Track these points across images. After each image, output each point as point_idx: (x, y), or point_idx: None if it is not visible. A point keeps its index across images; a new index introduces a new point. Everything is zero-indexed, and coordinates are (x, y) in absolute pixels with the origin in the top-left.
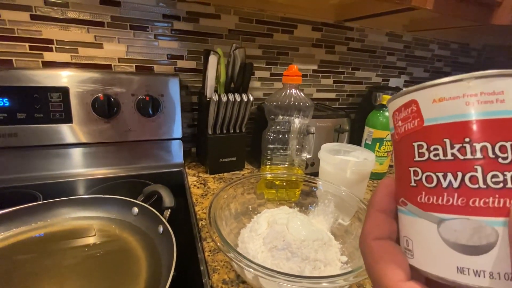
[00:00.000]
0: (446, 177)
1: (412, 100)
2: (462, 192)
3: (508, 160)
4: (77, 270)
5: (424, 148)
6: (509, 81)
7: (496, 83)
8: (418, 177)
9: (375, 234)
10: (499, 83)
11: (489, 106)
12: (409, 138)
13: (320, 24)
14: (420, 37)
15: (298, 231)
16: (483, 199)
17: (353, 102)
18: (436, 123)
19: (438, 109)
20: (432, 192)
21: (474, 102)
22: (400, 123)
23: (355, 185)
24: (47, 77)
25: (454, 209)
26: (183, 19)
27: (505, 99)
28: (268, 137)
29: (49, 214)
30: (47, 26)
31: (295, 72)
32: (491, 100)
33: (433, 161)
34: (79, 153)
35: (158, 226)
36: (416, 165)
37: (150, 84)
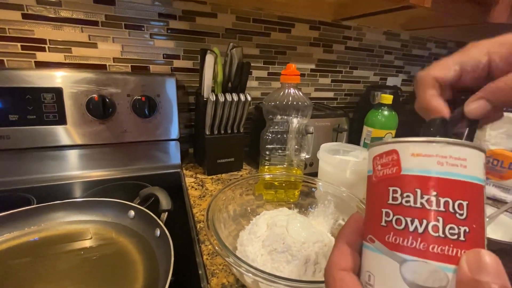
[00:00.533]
0: (413, 222)
1: (393, 149)
2: (425, 237)
3: (463, 216)
4: (72, 276)
5: (398, 193)
6: (472, 151)
7: (462, 151)
8: (389, 218)
9: (341, 265)
10: (464, 151)
11: (454, 169)
12: (386, 182)
13: (317, 23)
14: (417, 36)
15: (298, 233)
16: (440, 246)
17: (351, 101)
18: (411, 173)
19: (414, 162)
20: (399, 233)
21: (444, 162)
22: (380, 167)
23: (355, 185)
24: (40, 77)
25: (416, 252)
26: (179, 18)
27: (467, 166)
28: (266, 137)
29: (43, 218)
30: (40, 25)
31: (293, 71)
32: (456, 164)
33: (404, 206)
34: (74, 155)
35: (155, 229)
36: (389, 208)
37: (146, 84)
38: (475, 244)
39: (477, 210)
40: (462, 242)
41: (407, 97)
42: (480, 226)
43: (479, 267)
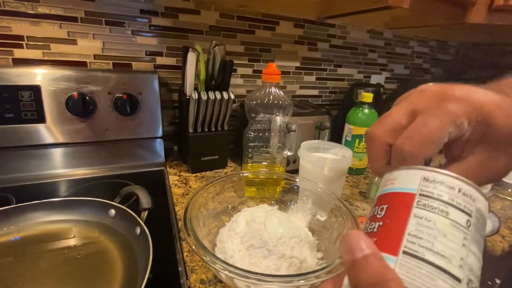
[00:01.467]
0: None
1: None
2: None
3: (380, 216)
4: (51, 275)
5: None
6: (400, 172)
7: (393, 174)
8: None
9: None
10: (394, 174)
11: (387, 186)
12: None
13: (302, 21)
14: (400, 35)
15: (275, 229)
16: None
17: (336, 99)
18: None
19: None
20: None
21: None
22: None
23: (333, 181)
24: (18, 75)
25: None
26: (161, 14)
27: (394, 182)
28: (248, 135)
29: (22, 218)
30: (17, 21)
31: (274, 71)
32: (388, 183)
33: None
34: (54, 154)
35: (135, 228)
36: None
37: (128, 81)
38: (385, 233)
39: (395, 210)
40: (374, 233)
41: (390, 94)
42: (395, 220)
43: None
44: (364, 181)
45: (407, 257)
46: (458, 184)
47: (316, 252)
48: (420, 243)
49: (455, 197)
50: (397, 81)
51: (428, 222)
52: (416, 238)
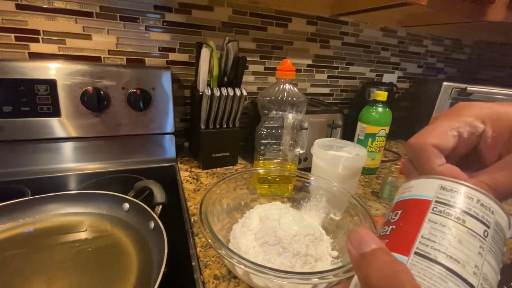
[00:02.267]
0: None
1: None
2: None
3: (394, 220)
4: (66, 267)
5: None
6: (418, 181)
7: (411, 183)
8: None
9: None
10: (412, 182)
11: (404, 193)
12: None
13: (315, 18)
14: (414, 33)
15: (289, 226)
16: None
17: (347, 98)
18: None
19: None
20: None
21: (404, 191)
22: None
23: (347, 180)
24: (34, 69)
25: None
26: (175, 10)
27: (411, 190)
28: (261, 133)
29: (37, 210)
30: (33, 16)
31: (288, 67)
32: (405, 191)
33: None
34: (68, 148)
35: (149, 222)
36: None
37: (141, 77)
38: (397, 235)
39: (409, 214)
40: (386, 235)
41: (403, 94)
42: (409, 223)
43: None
44: (376, 181)
45: (418, 258)
46: (477, 195)
47: (331, 250)
48: (433, 246)
49: (473, 207)
50: (410, 81)
51: (443, 227)
52: (429, 241)
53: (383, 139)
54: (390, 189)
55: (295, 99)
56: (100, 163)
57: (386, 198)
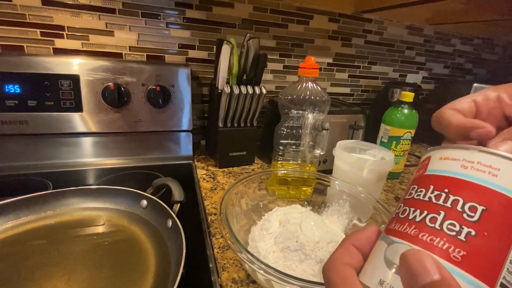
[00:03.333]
0: (414, 212)
1: (428, 156)
2: (419, 226)
3: (473, 219)
4: (86, 263)
5: (415, 189)
6: (509, 164)
7: (497, 161)
8: (399, 210)
9: (344, 260)
10: (500, 161)
11: (479, 174)
12: (412, 182)
13: (337, 15)
14: (441, 31)
15: (311, 232)
16: (431, 236)
17: (368, 98)
18: (432, 173)
19: (439, 164)
20: (399, 221)
21: (468, 167)
22: (415, 173)
23: (372, 185)
24: (58, 64)
25: (406, 236)
26: (195, 7)
27: (498, 175)
28: (280, 132)
29: (58, 203)
30: (59, 12)
31: (312, 64)
32: (484, 171)
33: (414, 199)
34: (88, 142)
35: (167, 220)
36: (403, 202)
37: (161, 74)
38: (480, 250)
39: (497, 222)
40: (460, 242)
41: (427, 95)
42: (497, 240)
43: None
44: (399, 186)
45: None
46: None
47: None
48: None
49: None
50: (435, 82)
51: None
52: None
53: (408, 142)
54: None
55: (318, 98)
56: (118, 159)
57: None
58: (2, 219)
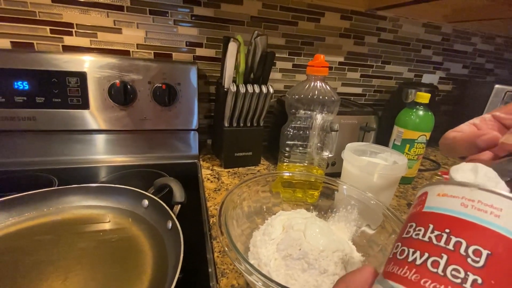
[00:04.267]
0: (414, 253)
1: (425, 191)
2: (420, 270)
3: (479, 264)
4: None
5: (412, 227)
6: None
7: (498, 200)
8: (396, 250)
9: None
10: (501, 201)
11: (481, 214)
12: (409, 219)
13: (349, 13)
14: (461, 29)
15: (316, 239)
16: (435, 283)
17: (381, 99)
18: (431, 211)
19: (438, 201)
20: (398, 263)
21: (469, 205)
22: (412, 208)
23: (382, 191)
24: (66, 61)
25: (405, 282)
26: (203, 4)
27: (500, 215)
28: (287, 133)
29: (61, 200)
30: (68, 9)
31: (321, 63)
32: (485, 210)
33: (413, 239)
34: (94, 140)
35: (167, 221)
36: (401, 241)
37: (168, 72)
38: None
39: (504, 268)
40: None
41: (444, 96)
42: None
43: None
44: (412, 191)
45: None
46: None
47: None
48: None
49: None
50: (453, 82)
51: None
52: None
53: (423, 146)
54: None
55: (327, 98)
56: (124, 157)
57: None
58: (5, 214)
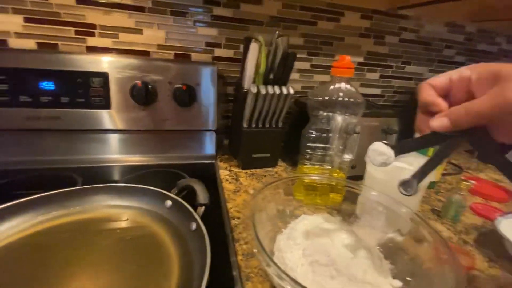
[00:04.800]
0: None
1: None
2: None
3: None
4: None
5: None
6: None
7: None
8: None
9: None
10: None
11: None
12: None
13: (370, 12)
14: (486, 29)
15: (344, 245)
16: None
17: (400, 100)
18: None
19: None
20: None
21: None
22: None
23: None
24: (90, 62)
25: None
26: (223, 4)
27: None
28: (309, 135)
29: (87, 199)
30: (91, 10)
31: (347, 64)
32: None
33: None
34: (115, 139)
35: (190, 223)
36: None
37: (187, 72)
38: None
39: None
40: None
41: None
42: None
43: None
44: (435, 196)
45: None
46: None
47: (392, 279)
48: None
49: None
50: None
51: None
52: None
53: None
54: (457, 210)
55: (352, 100)
56: (143, 156)
57: (450, 219)
58: (33, 213)
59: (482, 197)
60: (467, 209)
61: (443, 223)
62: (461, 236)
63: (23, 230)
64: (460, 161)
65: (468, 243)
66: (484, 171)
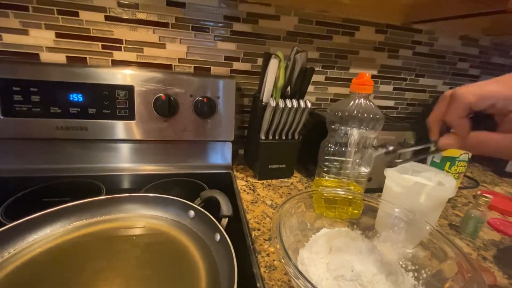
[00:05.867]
0: None
1: None
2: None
3: None
4: (141, 271)
5: None
6: None
7: None
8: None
9: None
10: None
11: None
12: None
13: (385, 26)
14: (500, 42)
15: (368, 261)
16: None
17: (413, 112)
18: None
19: None
20: None
21: None
22: None
23: (429, 212)
24: (115, 75)
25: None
26: (242, 20)
27: None
28: (327, 149)
29: (115, 208)
30: (118, 26)
31: (367, 80)
32: None
33: None
34: (137, 149)
35: (214, 234)
36: None
37: (208, 85)
38: None
39: None
40: None
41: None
42: None
43: None
44: (452, 211)
45: None
46: None
47: None
48: None
49: None
50: None
51: None
52: None
53: (465, 164)
54: (476, 225)
55: (372, 116)
56: (162, 165)
57: (468, 235)
58: (64, 221)
59: (500, 212)
60: (485, 224)
61: (462, 238)
62: (480, 252)
63: (56, 237)
64: (475, 174)
65: (488, 259)
66: (499, 184)
